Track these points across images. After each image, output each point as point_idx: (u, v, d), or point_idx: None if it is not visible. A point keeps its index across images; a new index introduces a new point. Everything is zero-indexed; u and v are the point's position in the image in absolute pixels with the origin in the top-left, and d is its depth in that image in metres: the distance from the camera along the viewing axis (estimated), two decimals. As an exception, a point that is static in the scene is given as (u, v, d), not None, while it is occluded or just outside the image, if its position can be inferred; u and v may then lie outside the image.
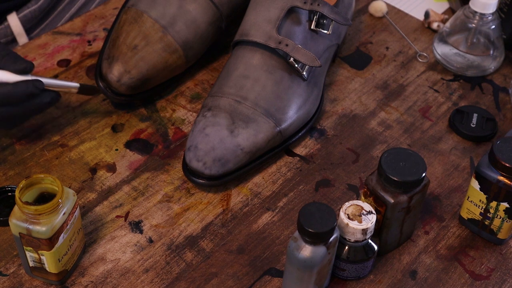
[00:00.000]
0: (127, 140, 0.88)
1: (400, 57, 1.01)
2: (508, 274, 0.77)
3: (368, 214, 0.71)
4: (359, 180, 0.85)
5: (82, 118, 0.90)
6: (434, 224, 0.82)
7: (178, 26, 0.89)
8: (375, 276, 0.77)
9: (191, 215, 0.81)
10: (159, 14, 0.89)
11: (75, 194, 0.71)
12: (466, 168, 0.87)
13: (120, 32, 0.89)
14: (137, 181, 0.84)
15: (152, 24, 0.89)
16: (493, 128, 0.91)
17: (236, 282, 0.75)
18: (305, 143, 0.89)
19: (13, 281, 0.74)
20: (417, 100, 0.95)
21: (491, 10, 0.94)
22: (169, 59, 0.89)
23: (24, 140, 0.87)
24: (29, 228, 0.68)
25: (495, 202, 0.76)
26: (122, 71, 0.87)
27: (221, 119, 0.83)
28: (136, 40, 0.88)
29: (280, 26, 0.86)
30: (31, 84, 0.79)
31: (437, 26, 1.05)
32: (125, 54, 0.87)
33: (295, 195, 0.84)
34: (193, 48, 0.91)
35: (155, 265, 0.76)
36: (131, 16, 0.90)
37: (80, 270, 0.75)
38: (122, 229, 0.79)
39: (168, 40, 0.89)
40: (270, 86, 0.85)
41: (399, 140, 0.90)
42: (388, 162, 0.72)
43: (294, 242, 0.68)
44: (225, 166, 0.81)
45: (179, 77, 0.95)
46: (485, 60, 0.98)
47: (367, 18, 1.07)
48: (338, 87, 0.96)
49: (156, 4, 0.90)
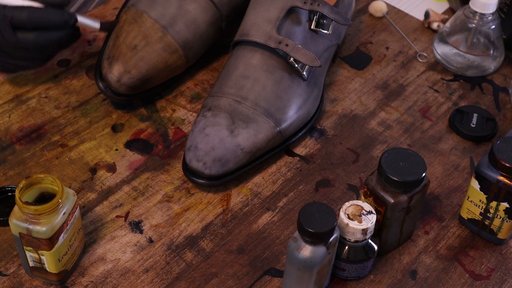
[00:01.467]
0: (127, 140, 0.88)
1: (400, 57, 1.01)
2: (508, 274, 0.77)
3: (368, 214, 0.71)
4: (359, 180, 0.85)
5: (82, 118, 0.90)
6: (434, 224, 0.82)
7: (178, 26, 0.89)
8: (375, 276, 0.77)
9: (191, 215, 0.81)
10: (159, 14, 0.89)
11: (75, 194, 0.71)
12: (466, 168, 0.87)
13: (120, 32, 0.89)
14: (137, 181, 0.84)
15: (152, 24, 0.89)
16: (493, 128, 0.91)
17: (236, 282, 0.75)
18: (305, 143, 0.89)
19: (13, 281, 0.74)
20: (417, 100, 0.95)
21: (491, 10, 0.94)
22: (169, 59, 0.89)
23: (24, 140, 0.87)
24: (29, 228, 0.68)
25: (495, 202, 0.76)
26: (122, 71, 0.87)
27: (221, 119, 0.83)
28: (136, 40, 0.88)
29: (280, 26, 0.86)
30: (66, 12, 0.82)
31: (437, 26, 1.05)
32: (125, 54, 0.87)
33: (295, 195, 0.84)
34: (193, 48, 0.91)
35: (155, 265, 0.76)
36: (131, 16, 0.90)
37: (80, 270, 0.75)
38: (122, 229, 0.79)
39: (168, 40, 0.89)
40: (270, 86, 0.85)
41: (399, 140, 0.90)
42: (388, 162, 0.72)
43: (294, 242, 0.68)
44: (225, 166, 0.81)
45: (179, 77, 0.95)
46: (485, 60, 0.98)
47: (367, 18, 1.07)
48: (338, 87, 0.96)
49: (156, 4, 0.90)
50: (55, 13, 0.83)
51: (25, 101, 0.92)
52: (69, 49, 0.98)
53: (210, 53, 0.99)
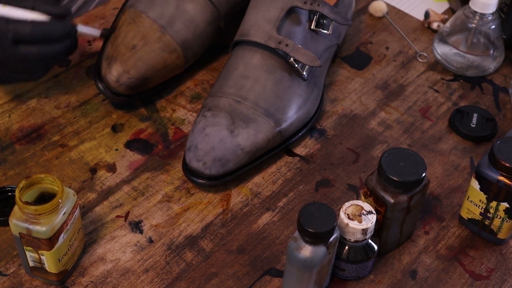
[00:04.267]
0: (127, 140, 0.88)
1: (400, 57, 1.01)
2: (508, 274, 0.77)
3: (368, 214, 0.71)
4: (359, 180, 0.85)
5: (82, 118, 0.90)
6: (434, 224, 0.82)
7: (176, 26, 0.89)
8: (375, 276, 0.77)
9: (191, 215, 0.81)
10: (158, 14, 0.89)
11: (75, 194, 0.71)
12: (466, 168, 0.87)
13: (119, 33, 0.89)
14: (137, 181, 0.84)
15: (151, 24, 0.89)
16: (493, 128, 0.91)
17: (236, 282, 0.75)
18: (305, 143, 0.89)
19: (13, 281, 0.74)
20: (417, 100, 0.95)
21: (491, 10, 0.94)
22: (168, 59, 0.89)
23: (24, 140, 0.87)
24: (29, 228, 0.68)
25: (495, 202, 0.76)
26: (121, 71, 0.87)
27: (221, 119, 0.83)
28: (134, 40, 0.88)
29: (280, 26, 0.86)
30: (68, 23, 0.80)
31: (437, 26, 1.05)
32: (123, 54, 0.87)
33: (295, 195, 0.84)
34: (192, 47, 0.91)
35: (155, 265, 0.76)
36: (130, 17, 0.90)
37: (80, 270, 0.75)
38: (122, 229, 0.79)
39: (167, 39, 0.89)
40: (270, 86, 0.85)
41: (399, 140, 0.90)
42: (388, 162, 0.72)
43: (294, 242, 0.68)
44: (225, 166, 0.81)
45: (179, 77, 0.95)
46: (485, 60, 0.98)
47: (367, 18, 1.07)
48: (338, 87, 0.96)
49: (154, 4, 0.90)
50: (58, 26, 0.82)
51: (25, 101, 0.92)
52: (69, 49, 0.99)
53: (210, 53, 0.99)
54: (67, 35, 0.83)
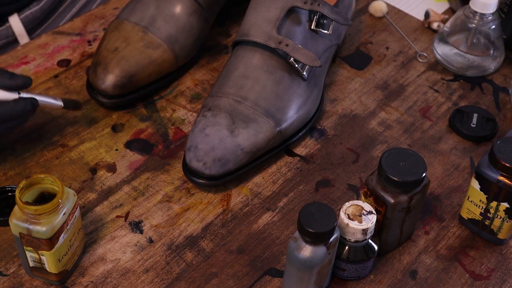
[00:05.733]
0: (127, 140, 0.88)
1: (400, 57, 1.01)
2: (508, 274, 0.77)
3: (368, 214, 0.71)
4: (359, 180, 0.85)
5: (82, 118, 0.90)
6: (434, 224, 0.82)
7: (158, 23, 0.91)
8: (375, 276, 0.77)
9: (191, 215, 0.81)
10: (138, 18, 0.92)
11: (75, 194, 0.71)
12: (466, 168, 0.87)
13: (102, 41, 0.92)
14: (137, 181, 0.84)
15: (132, 27, 0.91)
16: (493, 128, 0.91)
17: (236, 282, 0.75)
18: (305, 143, 0.89)
19: (13, 281, 0.74)
20: (417, 100, 0.95)
21: (491, 10, 0.94)
22: (153, 54, 0.90)
23: (24, 140, 0.87)
24: (29, 228, 0.68)
25: (495, 202, 0.76)
26: (106, 72, 0.88)
27: (221, 119, 0.83)
28: (116, 43, 0.90)
29: (280, 26, 0.86)
30: (29, 102, 0.80)
31: (437, 26, 1.05)
32: (105, 57, 0.89)
33: (295, 195, 0.84)
34: (178, 41, 0.91)
35: (155, 265, 0.76)
36: (113, 26, 0.93)
37: (80, 270, 0.75)
38: (122, 229, 0.79)
39: (150, 37, 0.90)
40: (270, 86, 0.85)
41: (399, 140, 0.90)
42: (388, 162, 0.72)
43: (294, 242, 0.68)
44: (225, 166, 0.81)
45: (179, 77, 0.95)
46: (485, 60, 0.98)
47: (367, 18, 1.07)
48: (338, 87, 0.96)
49: (135, 10, 0.92)
50: (16, 106, 0.79)
51: (25, 101, 0.92)
52: (69, 49, 0.98)
53: (210, 53, 0.99)
54: (29, 112, 0.80)
